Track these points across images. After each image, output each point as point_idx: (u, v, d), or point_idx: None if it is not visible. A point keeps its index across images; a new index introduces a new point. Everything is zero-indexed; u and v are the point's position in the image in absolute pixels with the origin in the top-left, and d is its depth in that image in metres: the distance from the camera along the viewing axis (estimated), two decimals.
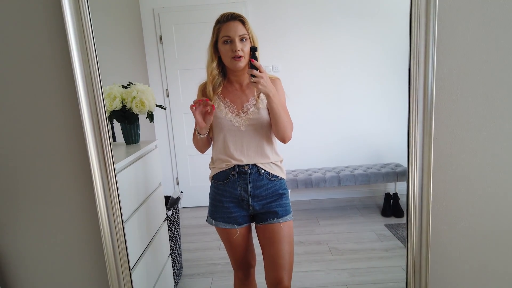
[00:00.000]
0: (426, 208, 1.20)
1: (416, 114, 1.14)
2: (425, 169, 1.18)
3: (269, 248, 1.47)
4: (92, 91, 1.13)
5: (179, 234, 2.34)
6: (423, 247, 1.21)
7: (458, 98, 1.20)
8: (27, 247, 1.31)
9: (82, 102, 1.13)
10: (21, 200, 1.27)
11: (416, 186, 1.19)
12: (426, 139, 1.14)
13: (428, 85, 1.12)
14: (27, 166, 1.25)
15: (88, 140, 1.16)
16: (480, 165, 1.24)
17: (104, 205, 1.20)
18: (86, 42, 1.10)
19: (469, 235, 1.29)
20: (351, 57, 3.36)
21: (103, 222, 1.21)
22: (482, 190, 1.26)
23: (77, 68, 1.11)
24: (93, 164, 1.17)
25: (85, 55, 1.10)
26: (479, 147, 1.23)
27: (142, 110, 1.74)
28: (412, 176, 1.19)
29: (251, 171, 1.45)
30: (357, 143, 3.45)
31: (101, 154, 1.17)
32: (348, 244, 2.64)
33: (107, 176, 1.18)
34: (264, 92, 1.31)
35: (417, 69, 1.10)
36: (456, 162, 1.24)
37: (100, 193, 1.19)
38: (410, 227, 1.21)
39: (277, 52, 3.38)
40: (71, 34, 1.09)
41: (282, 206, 1.48)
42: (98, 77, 1.12)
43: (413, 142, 1.16)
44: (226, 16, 1.39)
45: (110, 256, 1.23)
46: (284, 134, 1.42)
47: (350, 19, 3.29)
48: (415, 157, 1.16)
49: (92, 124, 1.15)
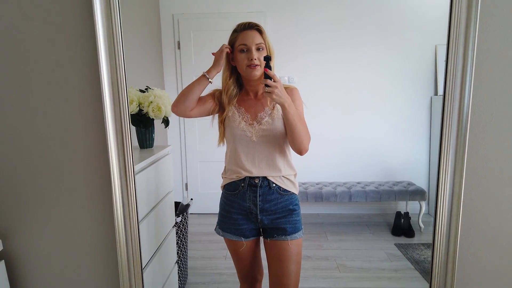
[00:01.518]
0: (453, 235, 1.16)
1: (449, 139, 1.10)
2: (455, 197, 1.14)
3: (275, 266, 1.44)
4: (117, 95, 1.14)
5: (186, 241, 2.32)
6: (448, 276, 1.16)
7: (492, 126, 1.16)
8: (40, 248, 1.31)
9: (107, 105, 1.14)
10: (38, 200, 1.28)
11: (445, 213, 1.14)
12: (458, 165, 1.10)
13: (463, 110, 1.08)
14: (44, 166, 1.26)
15: (110, 142, 1.17)
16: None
17: (121, 206, 1.21)
18: (115, 48, 1.11)
19: (497, 268, 1.24)
20: (368, 73, 3.33)
21: (119, 224, 1.21)
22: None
23: (104, 72, 1.12)
24: (113, 166, 1.18)
25: (113, 61, 1.11)
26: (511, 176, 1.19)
27: (158, 115, 1.73)
28: (441, 204, 1.14)
29: (262, 184, 1.42)
30: (370, 159, 3.41)
31: (121, 157, 1.18)
32: (356, 262, 2.58)
33: (126, 178, 1.19)
34: (278, 102, 1.28)
35: (453, 93, 1.07)
36: (488, 191, 1.20)
37: (118, 194, 1.20)
38: (436, 254, 1.16)
39: (294, 64, 3.37)
40: (101, 40, 1.11)
41: (291, 223, 1.45)
42: (124, 82, 1.14)
43: (444, 167, 1.12)
44: (243, 25, 1.39)
45: (123, 256, 1.24)
46: (301, 146, 1.37)
47: (370, 34, 3.27)
48: (445, 182, 1.12)
49: (115, 127, 1.16)
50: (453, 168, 1.12)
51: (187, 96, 1.39)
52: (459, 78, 1.06)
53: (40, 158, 1.25)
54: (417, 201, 3.01)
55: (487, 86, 1.14)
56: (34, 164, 1.26)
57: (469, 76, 1.06)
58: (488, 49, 1.12)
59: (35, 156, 1.25)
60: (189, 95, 1.39)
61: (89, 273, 1.33)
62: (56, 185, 1.27)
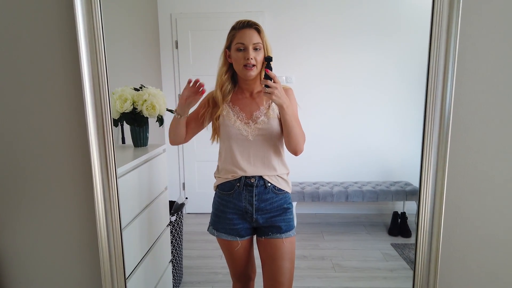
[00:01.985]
0: (436, 233, 1.16)
1: (431, 136, 1.10)
2: (438, 193, 1.13)
3: (270, 264, 1.44)
4: (98, 91, 1.11)
5: (181, 241, 2.32)
6: (431, 274, 1.16)
7: (475, 122, 1.16)
8: (25, 249, 1.29)
9: (88, 103, 1.11)
10: (21, 200, 1.25)
11: (427, 210, 1.14)
12: (441, 162, 1.10)
13: (445, 108, 1.08)
14: (27, 166, 1.23)
15: (91, 141, 1.14)
16: (496, 192, 1.20)
17: (103, 210, 1.18)
18: (96, 42, 1.09)
19: (480, 265, 1.24)
20: (366, 74, 3.33)
21: (101, 227, 1.18)
22: (496, 218, 1.21)
23: (85, 67, 1.10)
24: (94, 167, 1.15)
25: (94, 55, 1.09)
26: (495, 174, 1.19)
27: (152, 113, 1.73)
28: (424, 200, 1.14)
29: (257, 183, 1.42)
30: (367, 159, 3.40)
31: (103, 157, 1.15)
32: (352, 262, 2.58)
33: (108, 180, 1.16)
34: (277, 103, 1.29)
35: (435, 90, 1.07)
36: (471, 188, 1.20)
37: (100, 197, 1.17)
38: (419, 252, 1.16)
39: (292, 64, 3.37)
40: (81, 33, 1.08)
41: (286, 221, 1.46)
42: (105, 78, 1.11)
43: (426, 164, 1.12)
44: (242, 23, 1.38)
45: (106, 262, 1.20)
46: (297, 147, 1.38)
47: (367, 36, 3.27)
48: (427, 180, 1.12)
49: (96, 126, 1.13)
50: (436, 165, 1.12)
51: (173, 134, 1.46)
52: (441, 74, 1.06)
53: (22, 158, 1.22)
54: (414, 201, 3.00)
55: (470, 81, 1.14)
56: (15, 165, 1.23)
57: (451, 71, 1.07)
58: (473, 43, 1.12)
59: (17, 157, 1.22)
60: (174, 133, 1.46)
61: (73, 276, 1.31)
62: (37, 187, 1.24)
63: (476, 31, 1.11)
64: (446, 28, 1.03)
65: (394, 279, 2.35)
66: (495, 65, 1.13)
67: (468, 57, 1.12)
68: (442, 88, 1.06)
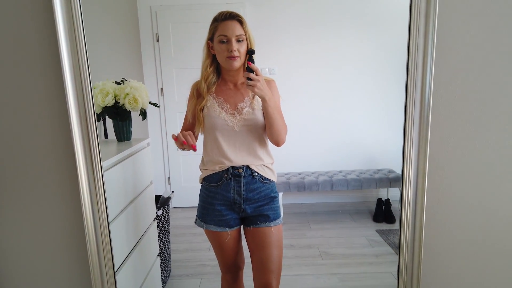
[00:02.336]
0: (419, 214, 1.19)
1: (412, 118, 1.13)
2: (420, 174, 1.16)
3: (259, 252, 1.46)
4: (80, 84, 1.09)
5: (168, 234, 2.32)
6: (416, 254, 1.20)
7: (455, 103, 1.19)
8: (10, 244, 1.27)
9: (70, 95, 1.09)
10: (5, 195, 1.23)
11: (410, 192, 1.18)
12: (422, 143, 1.13)
13: (425, 88, 1.11)
14: (12, 161, 1.21)
15: (75, 135, 1.12)
16: (476, 172, 1.24)
17: (90, 204, 1.17)
18: (76, 33, 1.07)
19: (463, 242, 1.28)
20: (349, 62, 3.36)
21: (88, 221, 1.17)
22: (477, 197, 1.25)
23: (65, 59, 1.07)
24: (79, 161, 1.14)
25: (74, 45, 1.07)
26: (475, 154, 1.23)
27: (134, 107, 1.71)
28: (406, 181, 1.17)
29: (245, 174, 1.43)
30: (351, 148, 3.45)
31: (87, 150, 1.13)
32: (339, 249, 2.63)
33: (94, 174, 1.15)
34: (260, 95, 1.30)
35: (415, 72, 1.09)
36: (452, 168, 1.23)
37: (86, 191, 1.15)
38: (403, 233, 1.19)
39: (274, 55, 3.37)
40: (60, 22, 1.06)
41: (273, 210, 1.48)
42: (87, 69, 1.09)
43: (408, 146, 1.14)
44: (224, 15, 1.37)
45: (94, 255, 1.19)
46: (278, 138, 1.41)
47: (349, 23, 3.30)
48: (410, 162, 1.15)
49: (79, 119, 1.12)
50: (417, 146, 1.14)
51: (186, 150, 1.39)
52: (421, 56, 1.09)
53: (5, 154, 1.20)
54: (398, 188, 3.07)
55: (448, 63, 1.17)
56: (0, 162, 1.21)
57: (430, 53, 1.09)
58: (450, 28, 1.15)
59: (0, 153, 1.21)
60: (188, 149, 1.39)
61: (61, 271, 1.29)
62: (22, 182, 1.22)
63: (454, 12, 1.14)
64: (424, 13, 1.05)
65: (380, 264, 2.41)
66: (473, 45, 1.16)
67: (447, 39, 1.15)
68: (422, 70, 1.09)
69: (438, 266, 1.29)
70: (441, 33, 1.13)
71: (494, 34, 1.16)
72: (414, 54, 1.09)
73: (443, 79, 1.17)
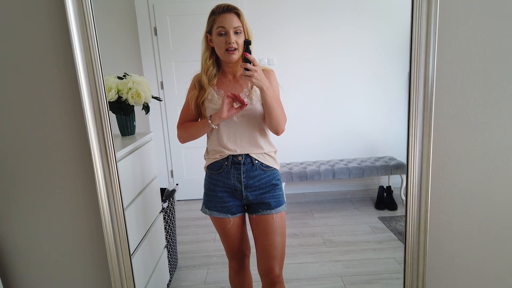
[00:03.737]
0: (424, 199, 1.21)
1: (416, 105, 1.15)
2: (425, 159, 1.18)
3: (262, 239, 1.49)
4: (93, 79, 1.13)
5: (174, 226, 2.34)
6: (421, 239, 1.22)
7: (458, 88, 1.20)
8: (30, 239, 1.32)
9: (84, 91, 1.14)
10: (23, 190, 1.28)
11: (415, 177, 1.20)
12: (426, 129, 1.15)
13: (428, 75, 1.12)
14: (28, 155, 1.25)
15: (90, 129, 1.16)
16: (480, 157, 1.25)
17: (105, 193, 1.21)
18: (88, 30, 1.10)
19: (467, 227, 1.30)
20: (347, 51, 3.35)
21: (104, 209, 1.22)
22: (481, 182, 1.27)
23: (79, 55, 1.11)
24: (94, 153, 1.18)
25: (86, 42, 1.10)
26: (479, 139, 1.24)
27: (138, 101, 1.73)
28: (412, 167, 1.19)
29: (245, 161, 1.46)
30: (352, 136, 3.47)
31: (102, 142, 1.18)
32: (342, 237, 2.66)
33: (108, 165, 1.20)
34: (257, 85, 1.32)
35: (418, 58, 1.10)
36: (456, 154, 1.25)
37: (102, 182, 1.20)
38: (409, 218, 1.22)
39: (273, 45, 3.37)
40: (72, 21, 1.09)
41: (275, 197, 1.50)
42: (99, 64, 1.12)
43: (413, 133, 1.17)
44: (221, 8, 1.39)
45: (111, 241, 1.25)
46: (278, 127, 1.43)
47: (347, 12, 3.28)
48: (414, 147, 1.17)
49: (93, 113, 1.16)
50: (422, 130, 1.16)
51: (192, 137, 1.53)
52: (424, 42, 1.10)
53: (22, 150, 1.25)
54: (399, 175, 3.09)
55: (451, 48, 1.18)
56: (16, 156, 1.25)
57: (433, 39, 1.10)
58: (453, 14, 1.16)
59: (18, 148, 1.25)
60: (195, 136, 1.52)
61: (78, 261, 1.34)
62: (39, 177, 1.27)
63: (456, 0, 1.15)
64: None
65: (383, 250, 2.44)
66: (475, 30, 1.17)
67: (449, 25, 1.16)
68: (425, 56, 1.10)
69: (444, 250, 1.31)
70: (443, 16, 1.14)
71: (497, 17, 1.16)
72: (416, 40, 1.10)
73: (445, 65, 1.18)
